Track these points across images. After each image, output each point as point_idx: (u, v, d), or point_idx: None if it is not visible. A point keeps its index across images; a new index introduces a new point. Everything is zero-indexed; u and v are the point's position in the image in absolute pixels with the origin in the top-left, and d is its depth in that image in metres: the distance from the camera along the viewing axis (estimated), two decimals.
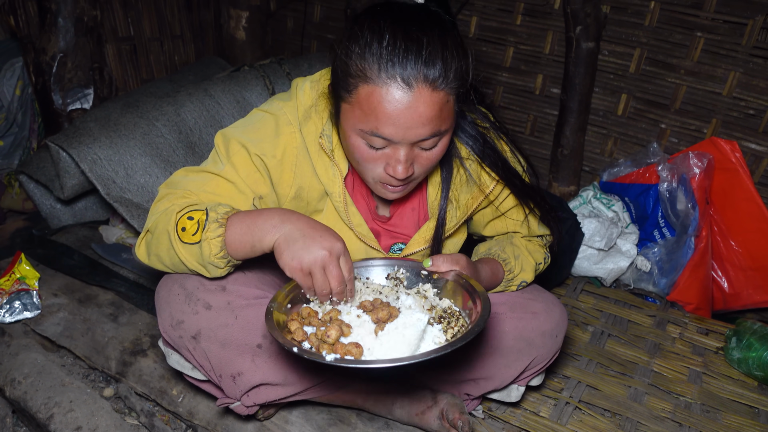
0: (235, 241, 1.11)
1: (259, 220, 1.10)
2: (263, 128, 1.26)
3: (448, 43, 1.05)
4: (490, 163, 1.32)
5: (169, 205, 1.18)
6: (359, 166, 1.19)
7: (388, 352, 1.00)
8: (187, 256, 1.14)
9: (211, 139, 2.31)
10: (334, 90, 1.16)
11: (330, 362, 0.96)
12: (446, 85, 1.05)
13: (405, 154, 1.11)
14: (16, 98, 2.71)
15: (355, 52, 1.06)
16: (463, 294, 1.17)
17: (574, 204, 2.49)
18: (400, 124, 1.05)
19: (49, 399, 1.54)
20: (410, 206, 1.41)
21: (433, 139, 1.11)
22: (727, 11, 2.25)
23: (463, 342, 0.99)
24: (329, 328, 1.02)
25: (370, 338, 1.04)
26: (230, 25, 3.23)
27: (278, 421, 1.48)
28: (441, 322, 1.10)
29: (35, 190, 2.31)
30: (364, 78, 1.05)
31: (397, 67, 1.02)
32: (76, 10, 2.43)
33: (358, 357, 0.99)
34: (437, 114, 1.07)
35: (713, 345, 2.02)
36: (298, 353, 0.97)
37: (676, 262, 2.26)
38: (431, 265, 1.22)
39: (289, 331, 1.05)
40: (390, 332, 1.02)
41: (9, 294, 1.83)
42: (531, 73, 2.75)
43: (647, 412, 1.69)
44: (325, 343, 1.01)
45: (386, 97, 1.04)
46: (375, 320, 1.07)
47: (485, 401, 1.62)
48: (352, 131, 1.12)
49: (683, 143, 2.51)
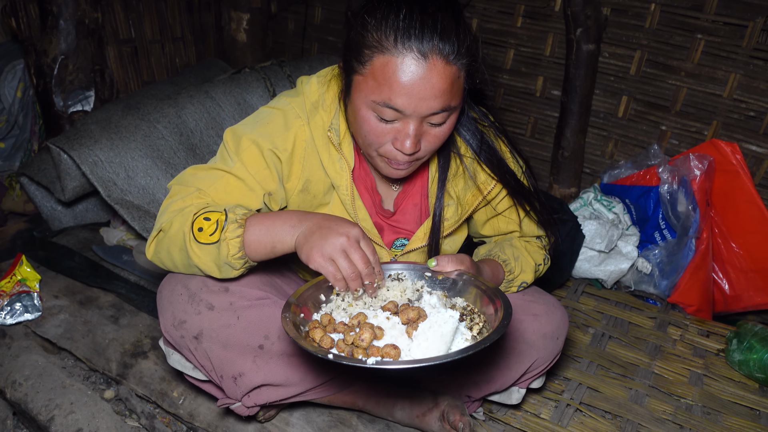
0: (254, 241, 1.12)
1: (278, 221, 1.12)
2: (272, 123, 1.27)
3: (460, 20, 1.09)
4: (486, 160, 1.33)
5: (185, 206, 1.19)
6: (365, 141, 1.19)
7: (425, 351, 0.99)
8: (202, 256, 1.14)
9: (212, 141, 2.32)
10: (345, 64, 1.17)
11: (372, 366, 0.94)
12: (458, 60, 1.08)
13: (415, 128, 1.12)
14: (17, 100, 2.72)
15: (372, 24, 1.08)
16: (476, 292, 1.17)
17: (574, 206, 2.49)
18: (413, 94, 1.07)
19: (49, 401, 1.54)
20: (413, 202, 1.42)
21: (443, 114, 1.13)
22: (728, 13, 2.25)
23: (498, 335, 0.99)
24: (362, 331, 1.01)
25: (403, 339, 1.03)
26: (231, 27, 3.24)
27: (279, 422, 1.47)
28: (464, 320, 1.10)
29: (36, 192, 2.32)
30: (380, 48, 1.07)
31: (414, 39, 1.04)
32: (78, 12, 2.43)
33: (397, 359, 0.98)
34: (449, 88, 1.09)
35: (714, 347, 2.02)
36: (335, 360, 0.95)
37: (677, 264, 2.26)
38: (436, 265, 1.22)
39: (314, 340, 1.03)
40: (425, 332, 1.01)
41: (10, 296, 1.83)
42: (532, 75, 2.76)
43: (648, 414, 1.69)
44: (359, 348, 1.00)
45: (401, 68, 1.05)
46: (405, 321, 1.06)
47: (486, 403, 1.62)
48: (363, 104, 1.13)
49: (684, 145, 2.51)
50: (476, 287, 1.17)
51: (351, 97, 1.17)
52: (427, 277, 1.23)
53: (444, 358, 0.95)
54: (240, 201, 1.23)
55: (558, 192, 2.75)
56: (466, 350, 0.96)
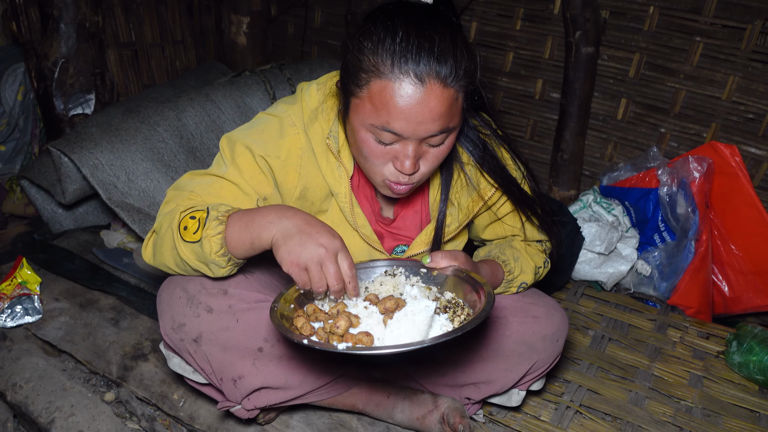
0: (234, 238, 1.11)
1: (256, 216, 1.11)
2: (267, 130, 1.27)
3: (458, 41, 1.08)
4: (489, 170, 1.34)
5: (174, 207, 1.20)
6: (366, 162, 1.19)
7: (398, 339, 1.01)
8: (188, 254, 1.14)
9: (212, 144, 2.32)
10: (343, 86, 1.17)
11: (342, 351, 0.97)
12: (456, 82, 1.07)
13: (413, 149, 1.12)
14: (18, 103, 2.72)
15: (368, 48, 1.07)
16: (465, 287, 1.18)
17: (574, 208, 2.49)
18: (411, 119, 1.07)
19: (50, 404, 1.54)
20: (413, 209, 1.42)
21: (441, 136, 1.13)
22: (726, 16, 2.25)
23: (473, 325, 0.99)
24: (338, 319, 1.03)
25: (379, 328, 1.05)
26: (231, 30, 3.24)
27: (279, 425, 1.48)
28: (447, 312, 1.11)
29: (37, 195, 2.32)
30: (377, 73, 1.06)
31: (411, 63, 1.04)
32: (78, 15, 2.44)
33: (369, 345, 1.00)
34: (447, 110, 1.08)
35: (714, 349, 2.02)
36: (309, 345, 0.98)
37: (677, 266, 2.26)
38: (430, 262, 1.22)
39: (296, 327, 1.06)
40: (399, 320, 1.03)
41: (10, 298, 1.83)
42: (531, 78, 2.76)
43: (648, 416, 1.69)
44: (335, 335, 1.02)
45: (399, 92, 1.05)
46: (383, 311, 1.08)
47: (486, 405, 1.62)
48: (361, 126, 1.13)
49: (683, 147, 2.51)
50: (467, 282, 1.18)
51: (349, 118, 1.17)
52: (422, 274, 1.24)
53: (412, 345, 0.96)
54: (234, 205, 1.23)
55: (557, 194, 2.75)
56: (437, 338, 0.97)
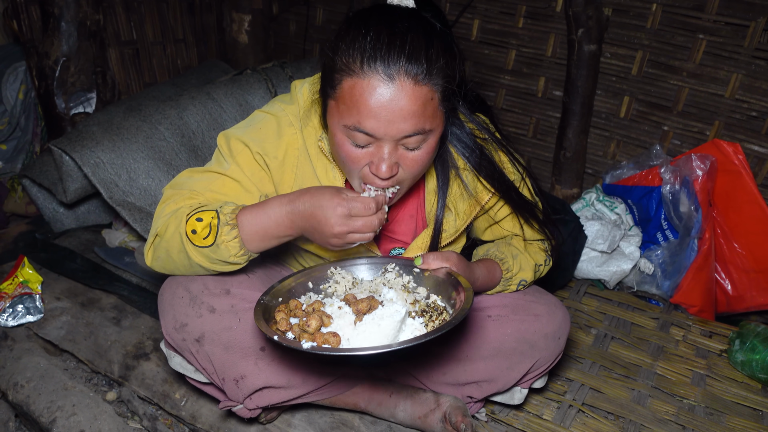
0: (251, 239, 1.15)
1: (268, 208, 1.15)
2: (265, 128, 1.27)
3: (433, 42, 1.07)
4: (486, 175, 1.32)
5: (177, 208, 1.19)
6: (344, 166, 1.19)
7: (365, 341, 1.04)
8: (200, 258, 1.15)
9: (213, 142, 2.32)
10: (321, 89, 1.18)
11: (306, 350, 0.99)
12: (429, 80, 1.06)
13: (388, 151, 1.11)
14: (19, 102, 2.72)
15: (341, 48, 1.08)
16: (449, 290, 1.18)
17: (576, 206, 2.49)
18: (381, 117, 1.06)
19: (51, 403, 1.54)
20: (408, 213, 1.41)
21: (417, 138, 1.11)
22: (729, 13, 2.25)
23: (435, 335, 1.00)
24: (310, 318, 1.06)
25: (349, 329, 1.07)
26: (233, 28, 3.24)
27: (281, 424, 1.47)
28: (423, 316, 1.12)
29: (38, 194, 2.32)
30: (348, 71, 1.06)
31: (379, 61, 1.03)
32: (79, 14, 2.43)
33: (335, 346, 1.03)
34: (420, 110, 1.07)
35: (717, 347, 2.01)
36: (277, 341, 1.01)
37: (680, 264, 2.25)
38: (422, 263, 1.22)
39: (275, 321, 1.09)
40: (368, 323, 1.06)
41: (12, 298, 1.83)
42: (533, 76, 2.75)
43: (651, 414, 1.68)
44: (306, 333, 1.05)
45: (368, 90, 1.05)
46: (355, 311, 1.10)
47: (488, 404, 1.62)
48: (337, 128, 1.13)
49: (686, 145, 2.51)
50: (451, 286, 1.17)
51: (327, 122, 1.17)
52: (414, 273, 1.24)
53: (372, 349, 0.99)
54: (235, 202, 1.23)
55: (560, 192, 2.74)
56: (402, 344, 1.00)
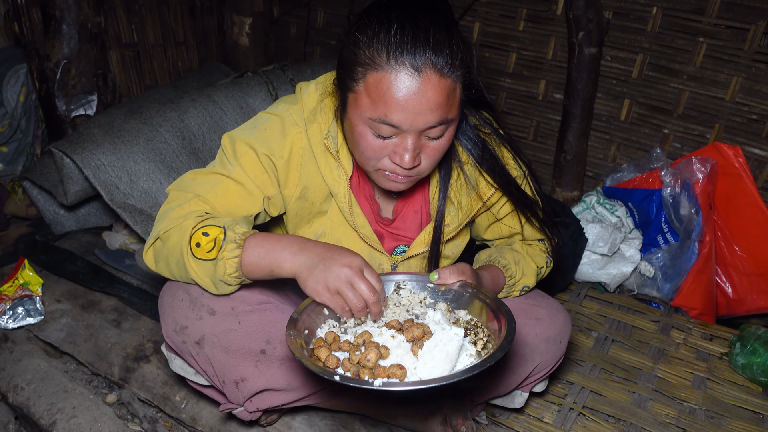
0: (251, 263, 1.12)
1: (278, 246, 1.12)
2: (270, 129, 1.27)
3: (453, 33, 1.08)
4: (488, 169, 1.33)
5: (183, 214, 1.18)
6: (363, 157, 1.19)
7: (431, 371, 0.98)
8: (198, 271, 1.15)
9: (214, 145, 2.32)
10: (340, 82, 1.18)
11: (378, 388, 0.93)
12: (453, 72, 1.07)
13: (413, 142, 1.12)
14: (20, 104, 2.73)
15: (363, 41, 1.08)
16: (479, 305, 1.16)
17: (577, 209, 2.49)
18: (409, 110, 1.06)
19: (51, 405, 1.54)
20: (413, 209, 1.41)
21: (440, 128, 1.12)
22: (729, 17, 2.25)
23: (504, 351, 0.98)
24: (368, 351, 1.00)
25: (408, 358, 1.02)
26: (233, 31, 3.24)
27: (281, 426, 1.47)
28: (468, 335, 1.09)
29: (39, 196, 2.32)
30: (373, 65, 1.06)
31: (406, 54, 1.04)
32: (80, 16, 2.44)
33: (403, 379, 0.97)
34: (445, 101, 1.08)
35: (717, 350, 2.01)
36: (341, 382, 0.94)
37: (680, 267, 2.25)
38: (438, 279, 1.21)
39: (318, 358, 1.03)
40: (430, 350, 0.99)
41: (12, 300, 1.83)
42: (534, 79, 2.76)
43: (651, 417, 1.68)
44: (365, 368, 0.99)
45: (395, 83, 1.05)
46: (410, 339, 1.05)
47: (489, 407, 1.61)
48: (359, 121, 1.13)
49: (686, 148, 2.51)
50: (480, 300, 1.16)
51: (347, 114, 1.17)
52: (429, 288, 1.23)
53: (450, 379, 0.94)
54: (239, 205, 1.23)
55: (560, 195, 2.74)
56: (471, 370, 0.95)
